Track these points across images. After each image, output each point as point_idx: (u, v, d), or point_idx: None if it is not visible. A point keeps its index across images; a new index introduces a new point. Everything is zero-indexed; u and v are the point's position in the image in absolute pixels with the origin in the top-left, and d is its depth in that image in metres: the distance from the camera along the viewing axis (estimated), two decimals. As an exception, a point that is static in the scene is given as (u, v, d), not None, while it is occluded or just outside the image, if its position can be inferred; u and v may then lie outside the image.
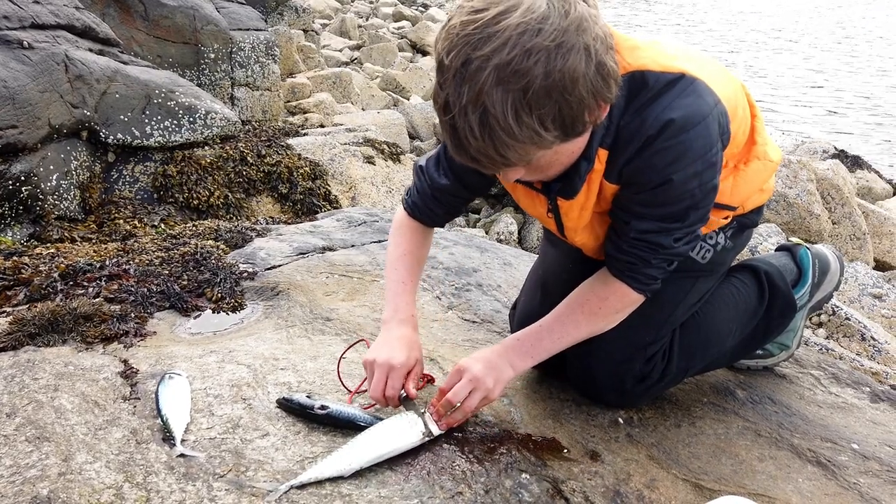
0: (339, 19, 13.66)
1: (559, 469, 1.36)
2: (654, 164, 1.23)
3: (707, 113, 1.22)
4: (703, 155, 1.23)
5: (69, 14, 3.93)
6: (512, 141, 1.07)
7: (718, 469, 1.42)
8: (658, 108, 1.20)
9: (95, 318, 1.81)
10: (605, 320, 1.42)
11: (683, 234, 1.32)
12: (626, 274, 1.37)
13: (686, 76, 1.23)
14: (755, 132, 1.47)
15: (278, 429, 1.40)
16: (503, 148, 1.08)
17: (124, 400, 1.48)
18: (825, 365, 1.89)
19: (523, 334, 1.44)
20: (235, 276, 2.15)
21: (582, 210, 1.37)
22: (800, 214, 5.38)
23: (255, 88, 6.26)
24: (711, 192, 1.29)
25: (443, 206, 1.60)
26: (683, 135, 1.20)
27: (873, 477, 1.44)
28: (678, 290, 1.51)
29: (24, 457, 1.27)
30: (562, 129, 1.09)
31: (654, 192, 1.26)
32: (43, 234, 3.13)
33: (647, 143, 1.22)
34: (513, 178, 1.24)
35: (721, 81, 1.31)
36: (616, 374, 1.50)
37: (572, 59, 1.03)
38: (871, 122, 11.07)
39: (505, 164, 1.13)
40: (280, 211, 4.06)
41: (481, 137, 1.07)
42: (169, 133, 3.85)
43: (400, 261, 1.60)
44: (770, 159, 1.48)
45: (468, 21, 1.04)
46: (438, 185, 1.57)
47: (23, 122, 3.13)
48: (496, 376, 1.37)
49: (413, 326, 1.53)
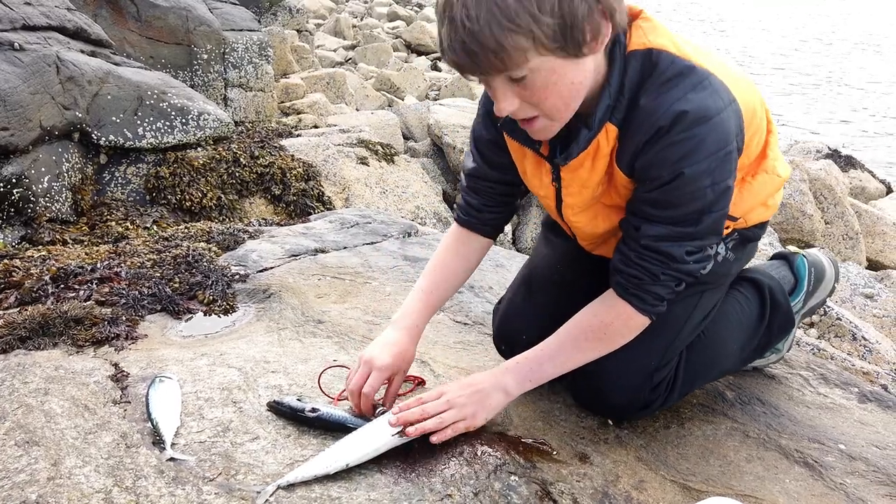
0: (334, 19, 13.65)
1: (548, 471, 1.36)
2: (666, 158, 1.20)
3: (722, 108, 1.19)
4: (715, 151, 1.19)
5: (61, 15, 3.92)
6: (508, 23, 1.05)
7: (706, 470, 1.43)
8: (671, 97, 1.18)
9: (86, 321, 1.81)
10: (609, 344, 1.39)
11: (696, 247, 1.28)
12: (632, 291, 1.33)
13: (700, 69, 1.20)
14: (768, 146, 1.44)
15: (269, 432, 1.41)
16: (499, 30, 1.06)
17: (114, 403, 1.48)
18: (814, 366, 1.90)
19: (523, 358, 1.42)
20: (227, 279, 2.15)
21: (583, 187, 1.35)
22: (793, 214, 5.40)
23: (248, 89, 6.25)
24: (724, 195, 1.25)
25: (479, 196, 1.56)
26: (697, 128, 1.17)
27: (860, 477, 1.46)
28: (684, 309, 1.46)
29: (13, 461, 1.27)
30: (559, 26, 1.08)
31: (665, 189, 1.22)
32: (34, 236, 3.12)
33: (658, 134, 1.19)
34: (507, 108, 1.19)
35: (740, 85, 1.28)
36: (624, 402, 1.48)
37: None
38: (866, 121, 11.13)
39: (498, 58, 1.09)
40: (273, 212, 4.05)
41: (477, 18, 1.05)
42: (161, 134, 3.85)
43: (430, 270, 1.59)
44: (778, 174, 1.46)
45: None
46: (469, 171, 1.55)
47: (14, 125, 3.12)
48: (480, 401, 1.37)
49: (412, 336, 1.51)
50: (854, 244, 5.58)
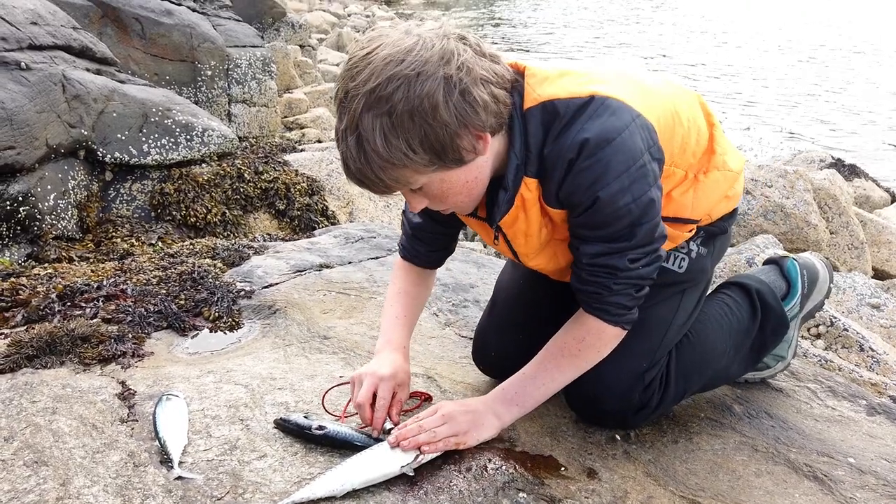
0: (336, 34, 13.75)
1: (556, 487, 1.36)
2: (580, 185, 1.25)
3: (622, 128, 1.24)
4: (625, 170, 1.24)
5: (67, 34, 3.96)
6: (383, 162, 1.16)
7: (715, 485, 1.42)
8: (573, 131, 1.24)
9: (93, 339, 1.82)
10: (587, 360, 1.42)
11: (639, 254, 1.32)
12: (594, 306, 1.38)
13: (596, 97, 1.26)
14: (714, 141, 1.48)
15: (276, 450, 1.40)
16: (378, 169, 1.17)
17: (122, 422, 1.48)
18: (821, 378, 1.89)
19: (507, 383, 1.46)
20: (233, 295, 2.16)
21: (527, 237, 1.41)
22: (797, 224, 5.39)
23: (251, 105, 6.29)
24: (650, 206, 1.29)
25: (424, 243, 1.64)
26: (600, 152, 1.23)
27: (870, 491, 1.44)
28: (667, 310, 1.51)
29: (22, 481, 1.27)
30: (433, 153, 1.18)
31: (589, 213, 1.28)
32: (41, 253, 3.14)
33: (569, 165, 1.25)
34: (418, 207, 1.32)
35: (647, 98, 1.34)
36: (616, 408, 1.50)
37: (429, 86, 1.13)
38: (869, 130, 11.13)
39: (385, 187, 1.22)
40: (278, 227, 4.07)
41: (358, 159, 1.17)
42: (166, 151, 3.87)
43: (395, 298, 1.65)
44: (730, 169, 1.49)
45: (351, 58, 1.19)
46: (415, 225, 1.63)
47: (20, 143, 3.15)
48: (473, 421, 1.39)
49: (404, 356, 1.55)
50: (859, 253, 5.56)
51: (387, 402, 1.43)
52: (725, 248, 1.65)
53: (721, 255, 1.64)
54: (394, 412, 1.45)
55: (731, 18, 22.82)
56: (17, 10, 3.71)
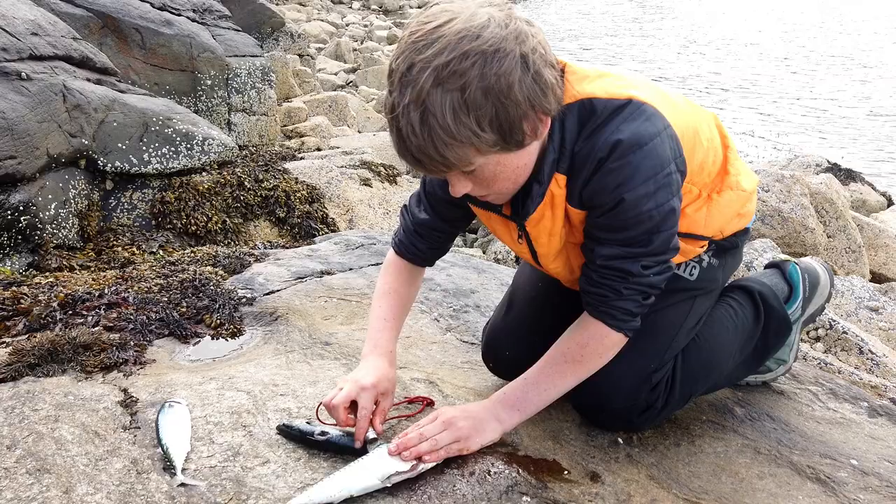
0: (334, 43, 13.80)
1: (560, 491, 1.36)
2: (606, 185, 1.25)
3: (655, 134, 1.25)
4: (653, 175, 1.25)
5: (67, 45, 3.98)
6: (450, 139, 1.12)
7: (718, 488, 1.43)
8: (607, 131, 1.24)
9: (95, 347, 1.82)
10: (589, 366, 1.42)
11: (652, 262, 1.33)
12: (600, 309, 1.38)
13: (634, 101, 1.27)
14: (727, 162, 1.50)
15: (279, 456, 1.41)
16: (442, 146, 1.13)
17: (124, 429, 1.48)
18: (823, 380, 1.90)
19: (509, 388, 1.45)
20: (234, 302, 2.16)
21: (550, 236, 1.40)
22: (794, 229, 5.40)
23: (251, 113, 6.31)
24: (670, 215, 1.30)
25: (425, 241, 1.63)
26: (631, 154, 1.23)
27: (873, 493, 1.45)
28: (678, 314, 1.51)
29: (25, 489, 1.27)
30: (499, 134, 1.15)
31: (611, 215, 1.28)
32: (42, 262, 3.14)
33: (598, 165, 1.25)
34: (460, 192, 1.28)
35: (678, 110, 1.35)
36: (623, 406, 1.50)
37: (507, 64, 1.10)
38: (864, 134, 11.17)
39: (445, 165, 1.18)
40: (278, 235, 4.07)
41: (421, 135, 1.12)
42: (166, 160, 3.88)
43: (384, 298, 1.63)
44: (743, 189, 1.51)
45: (415, 30, 1.13)
46: (419, 221, 1.61)
47: (21, 153, 3.16)
48: (474, 426, 1.38)
49: (390, 361, 1.54)
50: (857, 257, 5.57)
51: (368, 412, 1.41)
52: (737, 263, 1.66)
53: (733, 270, 1.65)
54: (377, 422, 1.44)
55: (731, 26, 22.98)
56: (17, 20, 3.73)
